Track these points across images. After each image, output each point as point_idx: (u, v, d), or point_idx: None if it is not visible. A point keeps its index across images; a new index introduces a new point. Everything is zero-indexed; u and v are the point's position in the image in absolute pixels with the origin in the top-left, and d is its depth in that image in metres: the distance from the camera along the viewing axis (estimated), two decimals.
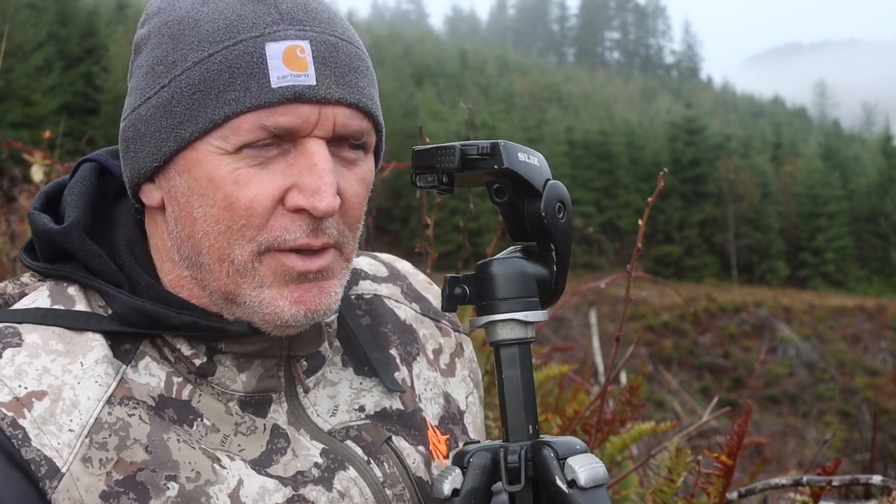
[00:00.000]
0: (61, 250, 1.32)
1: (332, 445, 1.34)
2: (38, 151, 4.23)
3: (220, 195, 1.22)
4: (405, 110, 59.88)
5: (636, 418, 3.11)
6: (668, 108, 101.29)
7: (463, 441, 1.50)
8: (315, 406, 1.37)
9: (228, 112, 1.20)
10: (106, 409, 1.22)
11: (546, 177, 1.31)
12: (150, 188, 1.30)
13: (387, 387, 1.42)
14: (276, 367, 1.33)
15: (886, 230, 62.99)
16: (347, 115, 1.24)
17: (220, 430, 1.28)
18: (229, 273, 1.24)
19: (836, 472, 2.51)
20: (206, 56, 1.21)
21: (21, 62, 41.44)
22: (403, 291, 1.56)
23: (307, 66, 1.21)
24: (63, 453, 1.17)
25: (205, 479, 1.23)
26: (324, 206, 1.21)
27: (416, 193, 2.25)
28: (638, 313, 30.64)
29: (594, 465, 1.23)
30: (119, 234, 1.34)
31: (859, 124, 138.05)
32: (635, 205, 58.34)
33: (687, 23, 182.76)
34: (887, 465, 13.01)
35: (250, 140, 1.21)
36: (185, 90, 1.22)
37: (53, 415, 1.19)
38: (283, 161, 1.23)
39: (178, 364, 1.29)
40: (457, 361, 1.57)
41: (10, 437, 1.16)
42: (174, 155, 1.24)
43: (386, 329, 1.50)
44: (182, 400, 1.28)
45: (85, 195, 1.34)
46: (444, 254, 3.46)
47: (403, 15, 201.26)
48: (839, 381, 28.99)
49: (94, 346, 1.25)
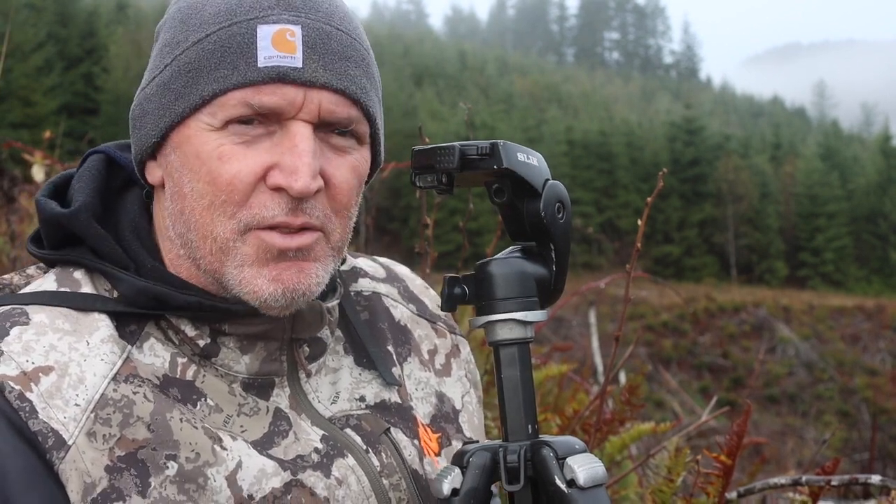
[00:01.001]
0: (68, 236, 1.35)
1: (331, 432, 1.36)
2: (38, 151, 4.23)
3: (204, 170, 1.25)
4: (405, 110, 59.88)
5: (635, 418, 3.12)
6: (668, 109, 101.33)
7: (456, 439, 1.52)
8: (316, 392, 1.39)
9: (216, 89, 1.24)
10: (111, 385, 1.24)
11: (545, 177, 1.31)
12: (152, 166, 1.34)
13: (385, 380, 1.45)
14: (279, 351, 1.35)
15: (885, 230, 63.00)
16: (334, 100, 1.26)
17: (224, 410, 1.30)
18: (213, 251, 1.27)
19: (834, 471, 2.51)
20: (203, 36, 1.26)
21: (21, 62, 41.42)
22: (400, 293, 1.59)
23: (295, 49, 1.24)
24: (69, 427, 1.19)
25: (204, 459, 1.24)
26: (299, 186, 1.23)
27: (415, 193, 2.25)
28: (637, 313, 30.65)
29: (593, 464, 1.24)
30: (125, 221, 1.37)
31: (858, 124, 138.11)
32: (635, 205, 58.33)
33: (686, 23, 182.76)
34: (886, 465, 13.02)
35: (235, 115, 1.24)
36: (182, 68, 1.27)
37: (60, 389, 1.21)
38: (269, 141, 1.26)
39: (183, 345, 1.32)
40: (452, 362, 1.59)
41: (17, 410, 1.18)
42: (170, 131, 1.28)
43: (383, 326, 1.52)
44: (186, 380, 1.30)
45: (93, 183, 1.37)
46: (443, 254, 3.47)
47: (403, 15, 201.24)
48: (838, 380, 29.00)
49: (99, 326, 1.27)
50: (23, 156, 4.30)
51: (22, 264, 4.30)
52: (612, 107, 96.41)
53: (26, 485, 1.16)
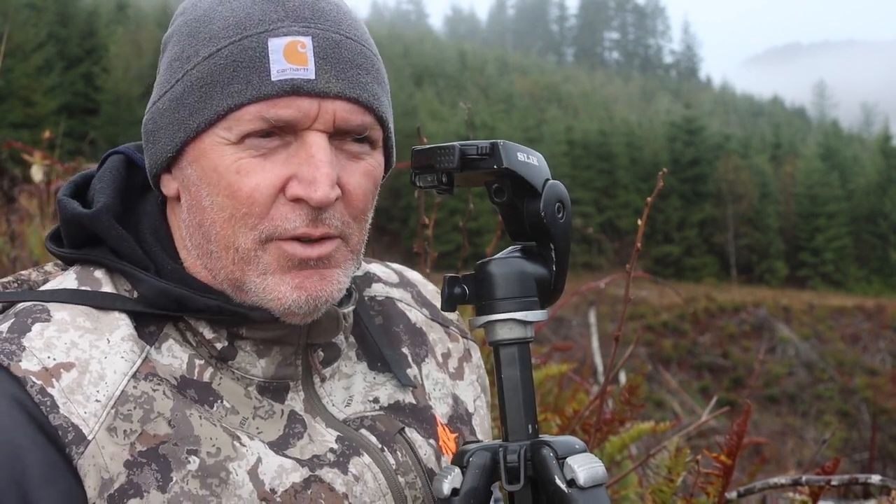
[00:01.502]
0: (88, 236, 1.36)
1: (346, 433, 1.38)
2: (37, 151, 4.23)
3: (223, 184, 1.26)
4: (405, 110, 59.85)
5: (635, 418, 3.11)
6: (668, 109, 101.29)
7: (471, 441, 1.53)
8: (330, 396, 1.41)
9: (231, 104, 1.25)
10: (131, 382, 1.25)
11: (545, 177, 1.31)
12: (167, 179, 1.35)
13: (400, 382, 1.46)
14: (294, 356, 1.37)
15: (885, 230, 62.98)
16: (348, 109, 1.28)
17: (240, 412, 1.32)
18: (235, 261, 1.29)
19: (834, 471, 2.51)
20: (214, 51, 1.27)
21: (21, 62, 41.41)
22: (414, 297, 1.61)
23: (307, 61, 1.25)
24: (89, 422, 1.21)
25: (225, 454, 1.26)
26: (319, 196, 1.24)
27: (415, 193, 2.25)
28: (637, 313, 30.64)
29: (593, 464, 1.24)
30: (145, 222, 1.39)
31: (858, 124, 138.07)
32: (635, 205, 58.31)
33: (686, 23, 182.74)
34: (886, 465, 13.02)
35: (251, 129, 1.25)
36: (194, 83, 1.28)
37: (81, 385, 1.22)
38: (285, 152, 1.27)
39: (200, 348, 1.33)
40: (465, 366, 1.61)
41: (38, 404, 1.19)
42: (185, 145, 1.30)
43: (398, 329, 1.54)
44: (203, 382, 1.31)
45: (114, 184, 1.39)
46: (443, 254, 3.46)
47: (403, 15, 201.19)
48: (838, 380, 28.99)
49: (120, 325, 1.29)
50: (22, 156, 4.30)
51: (22, 265, 4.30)
52: (612, 107, 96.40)
53: (46, 479, 1.17)
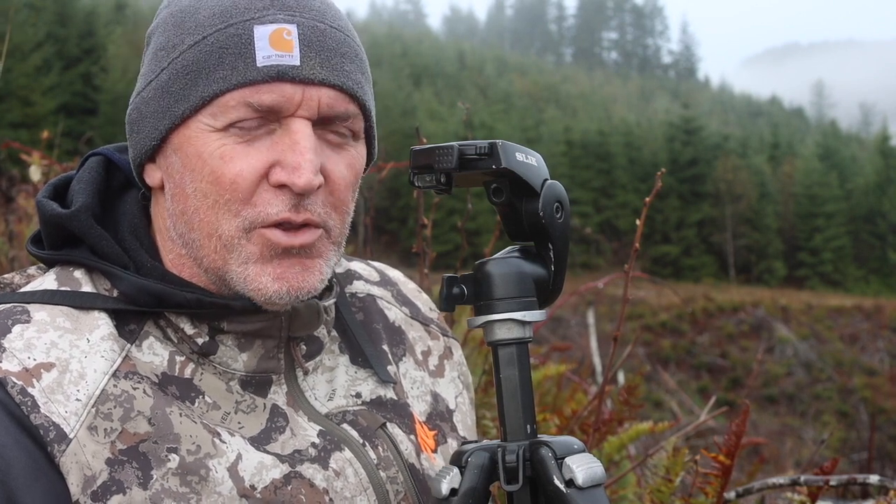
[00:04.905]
0: (68, 237, 1.37)
1: (328, 427, 1.38)
2: (36, 151, 4.22)
3: (207, 170, 1.27)
4: (403, 110, 59.87)
5: (634, 418, 3.12)
6: (666, 109, 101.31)
7: (451, 437, 1.54)
8: (313, 390, 1.41)
9: (216, 90, 1.26)
10: (112, 381, 1.26)
11: (544, 177, 1.31)
12: (151, 168, 1.35)
13: (380, 377, 1.47)
14: (276, 349, 1.37)
15: (884, 230, 63.03)
16: (332, 96, 1.29)
17: (221, 407, 1.32)
18: (217, 248, 1.29)
19: (833, 471, 2.51)
20: (200, 39, 1.28)
21: (20, 62, 41.37)
22: (394, 296, 1.62)
23: (293, 48, 1.26)
24: (70, 421, 1.21)
25: (205, 451, 1.26)
26: (302, 182, 1.25)
27: (413, 193, 2.25)
28: (636, 313, 30.66)
29: (592, 464, 1.24)
30: (124, 221, 1.39)
31: (857, 124, 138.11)
32: (633, 205, 58.31)
33: (685, 23, 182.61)
34: (885, 465, 13.03)
35: (237, 118, 1.26)
36: (180, 71, 1.28)
37: (61, 385, 1.23)
38: (269, 139, 1.28)
39: (181, 344, 1.34)
40: (445, 363, 1.61)
41: (19, 404, 1.20)
42: (170, 133, 1.30)
43: (378, 326, 1.55)
44: (184, 378, 1.32)
45: (92, 184, 1.39)
46: (442, 254, 3.47)
47: (401, 15, 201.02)
48: (837, 380, 29.02)
49: (99, 325, 1.29)
50: (21, 156, 4.29)
51: (20, 264, 4.30)
52: (611, 107, 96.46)
53: (30, 477, 1.18)
